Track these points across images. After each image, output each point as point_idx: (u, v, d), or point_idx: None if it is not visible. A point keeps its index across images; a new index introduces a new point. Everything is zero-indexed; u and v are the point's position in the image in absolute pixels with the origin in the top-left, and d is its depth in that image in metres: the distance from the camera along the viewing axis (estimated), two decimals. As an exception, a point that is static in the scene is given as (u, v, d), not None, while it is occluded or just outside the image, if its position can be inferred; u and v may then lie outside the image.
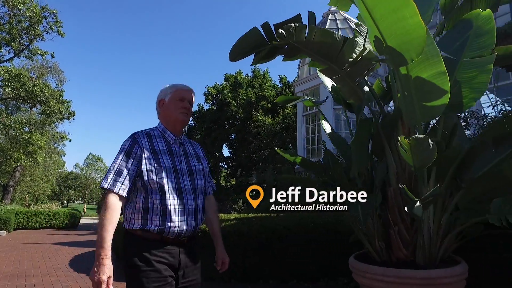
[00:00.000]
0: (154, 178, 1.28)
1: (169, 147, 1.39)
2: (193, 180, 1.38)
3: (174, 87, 1.43)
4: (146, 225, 1.26)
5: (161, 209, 1.27)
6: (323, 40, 2.07)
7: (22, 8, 13.52)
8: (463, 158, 1.91)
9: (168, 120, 1.42)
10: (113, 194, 1.25)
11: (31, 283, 4.15)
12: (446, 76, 1.75)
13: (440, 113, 1.85)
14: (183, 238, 1.32)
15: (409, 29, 1.67)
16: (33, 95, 14.60)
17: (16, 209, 12.85)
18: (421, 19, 1.62)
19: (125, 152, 1.31)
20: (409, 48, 1.73)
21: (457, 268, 1.89)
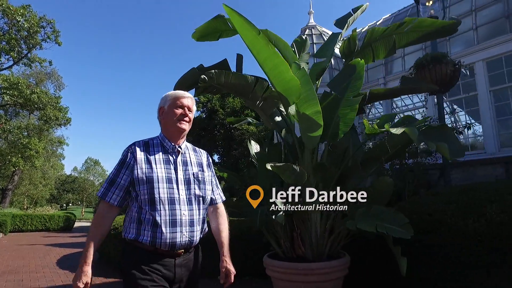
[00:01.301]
0: (144, 188, 1.28)
1: (166, 156, 1.37)
2: (190, 189, 1.36)
3: (174, 95, 1.42)
4: (139, 236, 1.27)
5: (152, 220, 1.26)
6: (238, 82, 2.66)
7: (21, 20, 14.26)
8: (339, 176, 2.49)
9: (167, 128, 1.41)
10: (104, 203, 1.31)
11: (19, 278, 4.74)
12: (321, 115, 2.35)
13: (318, 142, 2.44)
14: (178, 250, 1.30)
15: (287, 81, 2.27)
16: (31, 102, 15.31)
17: (12, 212, 13.50)
18: (293, 74, 2.23)
19: (120, 162, 1.34)
20: (290, 93, 2.33)
21: (334, 262, 2.46)
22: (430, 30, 2.92)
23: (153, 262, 1.25)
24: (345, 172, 2.49)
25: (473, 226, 2.51)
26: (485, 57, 6.32)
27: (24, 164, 17.78)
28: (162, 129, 1.44)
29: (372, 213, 2.28)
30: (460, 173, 6.38)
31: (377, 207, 2.31)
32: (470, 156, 6.33)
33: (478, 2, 6.70)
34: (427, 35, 2.99)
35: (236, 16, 2.17)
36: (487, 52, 6.26)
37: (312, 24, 9.57)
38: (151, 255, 1.26)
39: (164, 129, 1.43)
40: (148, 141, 1.41)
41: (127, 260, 1.29)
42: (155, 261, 1.26)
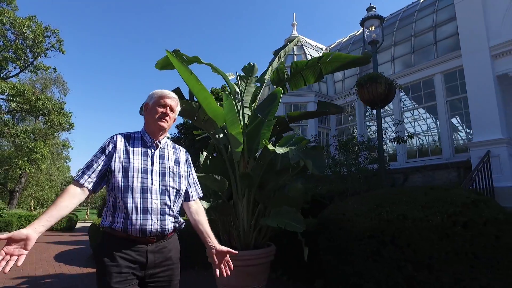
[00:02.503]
0: (120, 176, 1.36)
1: (144, 149, 1.46)
2: (164, 181, 1.43)
3: (159, 93, 1.51)
4: (113, 223, 1.35)
5: (124, 207, 1.33)
6: (186, 107, 3.38)
7: (27, 31, 15.29)
8: (260, 182, 3.19)
9: (149, 123, 1.50)
10: (76, 184, 1.35)
11: (20, 269, 5.55)
12: (241, 135, 3.04)
13: (239, 156, 3.13)
14: (150, 237, 1.36)
15: (214, 109, 2.98)
16: (36, 108, 16.34)
17: (18, 213, 14.47)
18: (217, 104, 2.94)
19: (100, 150, 1.42)
20: (217, 119, 3.04)
21: (256, 251, 3.15)
22: (347, 61, 3.61)
23: (125, 248, 1.32)
24: (264, 179, 3.18)
25: (370, 223, 3.18)
26: (443, 70, 6.92)
27: (30, 167, 18.83)
28: (145, 123, 1.53)
29: (281, 212, 2.96)
30: (421, 177, 6.97)
31: (286, 208, 2.98)
32: (429, 161, 6.93)
33: (439, 18, 7.31)
34: (346, 64, 3.68)
35: (175, 61, 2.89)
36: (445, 65, 6.86)
37: (294, 36, 10.25)
38: (124, 241, 1.33)
39: (146, 124, 1.52)
40: (130, 134, 1.50)
41: (100, 247, 1.38)
42: (127, 247, 1.33)
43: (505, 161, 4.98)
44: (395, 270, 2.95)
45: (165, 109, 1.48)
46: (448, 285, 2.79)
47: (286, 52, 3.77)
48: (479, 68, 5.46)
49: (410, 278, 2.89)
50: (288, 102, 8.89)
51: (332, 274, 3.53)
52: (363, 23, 5.11)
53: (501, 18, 5.38)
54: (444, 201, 3.18)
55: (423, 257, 2.88)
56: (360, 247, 3.16)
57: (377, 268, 3.02)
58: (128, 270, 1.31)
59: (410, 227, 2.98)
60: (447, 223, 2.91)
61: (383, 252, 3.02)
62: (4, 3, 15.52)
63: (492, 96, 5.25)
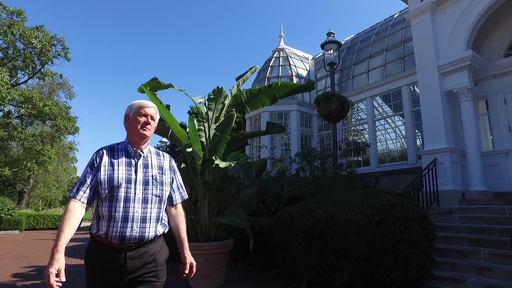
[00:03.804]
0: (105, 187, 1.45)
1: (128, 159, 1.54)
2: (147, 190, 1.52)
3: (138, 104, 1.59)
4: (98, 231, 1.46)
5: (108, 216, 1.44)
6: (160, 127, 4.26)
7: (35, 41, 16.47)
8: (217, 188, 4.05)
9: (131, 133, 1.58)
10: (75, 201, 1.44)
11: (30, 260, 6.54)
12: (201, 150, 3.91)
13: (201, 167, 4.00)
14: (129, 244, 1.45)
15: (179, 131, 3.86)
16: (43, 113, 17.54)
17: (27, 213, 15.66)
18: (181, 127, 3.82)
19: (89, 165, 1.52)
20: (182, 138, 3.92)
21: (214, 242, 4.01)
22: (294, 88, 4.46)
23: (108, 254, 1.45)
24: (221, 185, 4.04)
25: (305, 222, 4.01)
26: (409, 82, 7.67)
27: (38, 169, 20.07)
28: (127, 134, 1.61)
29: (231, 212, 3.83)
30: (389, 180, 7.75)
31: (235, 208, 3.84)
32: (397, 166, 7.70)
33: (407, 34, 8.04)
34: (294, 90, 4.54)
35: (148, 93, 3.77)
36: (410, 78, 7.60)
37: (281, 47, 11.08)
38: (106, 247, 1.45)
39: (128, 135, 1.60)
40: (114, 146, 1.59)
41: (88, 252, 1.53)
42: (109, 253, 1.45)
43: (448, 168, 5.73)
44: (321, 259, 3.78)
45: (146, 119, 1.56)
46: (359, 270, 3.63)
47: (244, 80, 4.61)
48: (430, 84, 6.21)
49: (332, 264, 3.73)
50: (273, 111, 9.73)
51: (281, 263, 4.37)
52: (323, 46, 5.92)
53: (447, 42, 6.12)
54: (368, 204, 4.01)
55: (343, 248, 3.71)
56: (297, 240, 4.00)
57: (308, 257, 3.86)
58: (111, 274, 1.44)
59: (335, 225, 3.81)
60: (364, 221, 3.75)
61: (313, 245, 3.85)
62: (14, 15, 16.74)
63: (439, 109, 6.00)
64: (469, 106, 5.84)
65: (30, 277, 4.99)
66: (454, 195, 5.62)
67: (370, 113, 8.42)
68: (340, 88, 9.44)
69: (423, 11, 6.50)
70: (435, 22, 6.42)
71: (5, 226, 13.28)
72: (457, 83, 5.95)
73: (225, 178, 4.16)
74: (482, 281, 3.67)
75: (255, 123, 10.25)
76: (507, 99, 6.02)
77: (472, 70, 5.95)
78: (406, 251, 3.70)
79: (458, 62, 5.90)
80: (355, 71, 9.14)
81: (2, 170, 18.87)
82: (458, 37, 6.01)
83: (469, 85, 5.81)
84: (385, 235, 3.69)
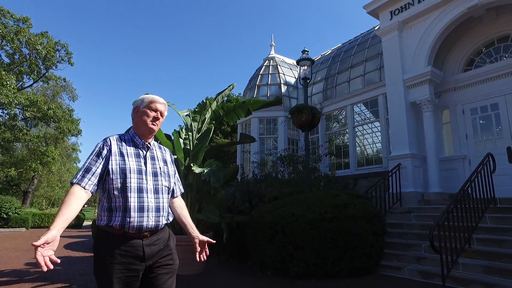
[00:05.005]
0: (118, 177, 1.49)
1: (136, 151, 1.59)
2: (157, 181, 1.59)
3: (150, 98, 1.64)
4: (110, 222, 1.47)
5: (122, 207, 1.47)
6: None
7: (40, 48, 17.46)
8: (197, 189, 4.86)
9: (139, 126, 1.62)
10: (78, 187, 1.44)
11: (37, 253, 7.42)
12: (183, 157, 4.72)
13: (185, 172, 4.81)
14: (145, 233, 1.52)
15: (165, 141, 4.68)
16: (48, 116, 18.53)
17: (33, 212, 16.66)
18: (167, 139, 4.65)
19: (96, 153, 1.53)
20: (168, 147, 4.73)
21: (194, 234, 4.83)
22: (264, 103, 5.26)
23: (123, 244, 1.46)
24: (200, 187, 4.85)
25: (271, 218, 4.80)
26: (383, 92, 8.42)
27: (42, 169, 21.07)
28: (134, 126, 1.64)
29: (208, 210, 4.64)
30: (366, 182, 8.50)
31: (212, 207, 4.65)
32: (373, 169, 8.46)
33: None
34: (264, 105, 5.33)
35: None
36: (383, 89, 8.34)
37: (271, 56, 11.87)
38: (121, 237, 1.47)
39: (135, 127, 1.63)
40: (120, 136, 1.61)
41: (99, 245, 1.51)
42: (124, 243, 1.46)
43: (410, 172, 6.49)
44: (282, 249, 4.58)
45: (156, 114, 1.61)
46: (313, 259, 4.42)
47: (223, 96, 5.42)
48: (397, 96, 6.97)
49: (290, 254, 4.53)
50: (262, 117, 10.52)
51: (253, 254, 5.18)
52: (298, 63, 6.71)
53: (412, 57, 6.86)
54: (324, 203, 4.79)
55: (300, 240, 4.50)
56: (264, 234, 4.80)
57: (272, 248, 4.66)
58: (127, 265, 1.46)
59: (294, 221, 4.60)
60: (318, 218, 4.54)
61: (276, 237, 4.65)
62: (20, 22, 17.75)
63: (403, 119, 6.75)
64: (430, 116, 6.59)
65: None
66: (414, 196, 6.38)
67: (350, 120, 9.18)
68: (324, 96, 10.21)
69: (392, 29, 7.26)
70: (402, 39, 7.17)
71: (12, 224, 14.25)
72: (419, 95, 6.70)
73: (204, 181, 4.98)
74: (417, 268, 4.44)
75: (246, 127, 11.05)
76: (465, 109, 6.76)
77: (433, 84, 6.70)
78: (353, 243, 4.48)
79: (420, 77, 6.65)
80: (338, 79, 9.90)
81: (8, 171, 19.89)
82: (421, 54, 6.76)
83: (430, 97, 6.55)
84: (335, 230, 4.48)
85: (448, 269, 3.88)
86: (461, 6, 6.24)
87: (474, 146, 6.58)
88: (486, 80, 6.46)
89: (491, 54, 6.65)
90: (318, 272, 4.44)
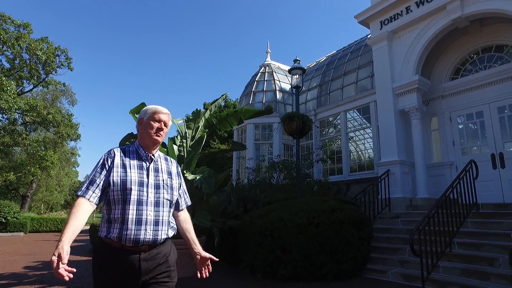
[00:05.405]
0: (118, 189, 1.49)
1: (140, 162, 1.59)
2: (158, 193, 1.57)
3: (153, 109, 1.65)
4: (108, 233, 1.48)
5: (120, 218, 1.47)
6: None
7: (40, 53, 17.78)
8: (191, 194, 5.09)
9: (143, 138, 1.63)
10: (83, 199, 1.47)
11: (36, 257, 7.63)
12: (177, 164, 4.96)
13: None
14: (143, 246, 1.49)
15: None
16: (47, 121, 18.80)
17: (31, 216, 16.84)
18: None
19: (100, 165, 1.55)
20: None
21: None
22: (255, 112, 5.50)
23: (120, 257, 1.46)
24: (193, 193, 5.08)
25: (261, 223, 5.02)
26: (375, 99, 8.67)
27: (41, 174, 21.27)
28: (139, 138, 1.66)
29: (200, 215, 4.85)
30: (358, 187, 8.71)
31: (204, 212, 4.87)
32: (365, 175, 8.68)
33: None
34: (256, 114, 5.57)
35: (135, 118, 4.83)
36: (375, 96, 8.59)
37: (267, 62, 12.16)
38: (118, 250, 1.47)
39: (140, 138, 1.65)
40: (125, 148, 1.63)
41: (97, 256, 1.54)
42: (122, 256, 1.46)
43: (398, 178, 6.71)
44: (271, 253, 4.79)
45: (159, 124, 1.62)
46: (301, 262, 4.63)
47: (216, 105, 5.67)
48: (386, 103, 7.22)
49: (279, 258, 4.74)
50: (258, 123, 10.77)
51: (244, 258, 5.39)
52: (290, 71, 6.96)
53: (401, 66, 7.12)
54: (312, 209, 5.01)
55: (288, 244, 4.72)
56: (254, 239, 5.02)
57: (261, 252, 4.87)
58: (124, 278, 1.45)
59: (283, 226, 4.82)
60: (306, 223, 4.76)
61: (265, 242, 4.87)
62: (21, 27, 18.08)
63: (392, 126, 6.99)
64: (418, 124, 6.83)
65: (38, 269, 6.06)
66: (402, 202, 6.60)
67: (343, 126, 9.42)
68: (319, 102, 10.47)
69: (382, 39, 7.53)
70: (391, 48, 7.44)
71: (11, 228, 14.45)
72: (408, 103, 6.95)
73: (196, 187, 5.20)
74: (400, 271, 4.65)
75: (242, 133, 11.30)
76: (452, 117, 7.00)
77: (421, 92, 6.95)
78: (339, 247, 4.70)
79: (408, 85, 6.90)
80: (332, 86, 10.16)
81: (7, 175, 20.09)
82: (409, 63, 7.02)
83: (417, 106, 6.80)
84: (322, 234, 4.70)
85: (428, 272, 4.09)
86: (446, 18, 6.51)
87: (461, 153, 6.81)
88: (471, 88, 6.71)
89: (476, 63, 6.91)
90: (305, 275, 4.65)
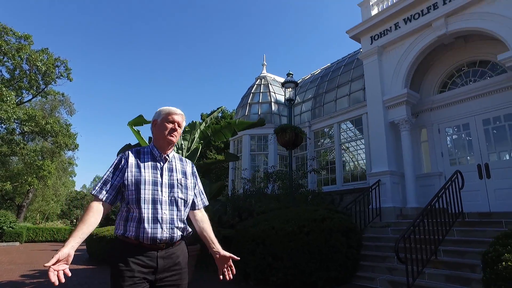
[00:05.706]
0: (133, 189, 1.54)
1: (154, 163, 1.63)
2: (173, 192, 1.61)
3: (167, 110, 1.69)
4: (126, 232, 1.54)
5: (137, 217, 1.53)
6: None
7: (40, 64, 18.13)
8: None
9: (157, 138, 1.68)
10: (97, 199, 1.54)
11: (33, 266, 7.73)
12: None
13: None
14: (160, 244, 1.54)
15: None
16: (45, 131, 19.00)
17: (27, 226, 16.88)
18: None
19: (114, 166, 1.62)
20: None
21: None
22: (249, 124, 5.75)
23: (137, 254, 1.51)
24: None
25: (253, 232, 5.21)
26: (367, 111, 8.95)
27: (38, 183, 21.34)
28: (154, 139, 1.71)
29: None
30: (351, 197, 8.90)
31: (198, 220, 5.05)
32: (358, 185, 8.89)
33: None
34: (249, 126, 5.82)
35: (133, 130, 5.07)
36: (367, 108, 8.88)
37: (263, 75, 12.50)
38: (136, 247, 1.52)
39: (155, 140, 1.70)
40: (140, 149, 1.69)
41: (114, 253, 1.56)
42: (139, 253, 1.52)
43: (388, 188, 6.93)
44: (263, 260, 4.97)
45: (173, 125, 1.66)
46: (291, 269, 4.80)
47: (212, 118, 5.92)
48: (377, 116, 7.49)
49: (270, 265, 4.91)
50: (253, 134, 11.01)
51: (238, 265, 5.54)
52: (284, 85, 7.25)
53: (390, 79, 7.43)
54: (303, 217, 5.20)
55: (279, 252, 4.89)
56: (247, 247, 5.20)
57: (253, 259, 5.05)
58: (139, 274, 1.49)
59: (274, 234, 5.01)
60: (296, 231, 4.95)
61: (257, 250, 5.05)
62: (22, 39, 18.48)
63: (383, 137, 7.25)
64: (407, 135, 7.09)
65: (35, 277, 6.18)
66: (393, 211, 6.80)
67: (337, 137, 9.68)
68: (313, 114, 10.75)
69: (372, 53, 7.86)
70: (381, 62, 7.77)
71: (7, 238, 14.47)
72: (397, 116, 7.23)
73: (192, 197, 5.41)
74: (388, 278, 4.82)
75: (238, 144, 11.53)
76: (440, 129, 7.28)
77: (410, 105, 7.24)
78: (329, 255, 4.88)
79: (397, 98, 7.19)
80: (326, 98, 10.47)
81: (3, 185, 20.16)
82: (398, 76, 7.33)
83: (406, 118, 7.08)
84: (312, 242, 4.89)
85: (413, 278, 4.27)
86: (433, 34, 6.85)
87: (449, 164, 7.05)
88: (458, 101, 7.00)
89: (462, 77, 7.22)
90: (296, 282, 4.81)
